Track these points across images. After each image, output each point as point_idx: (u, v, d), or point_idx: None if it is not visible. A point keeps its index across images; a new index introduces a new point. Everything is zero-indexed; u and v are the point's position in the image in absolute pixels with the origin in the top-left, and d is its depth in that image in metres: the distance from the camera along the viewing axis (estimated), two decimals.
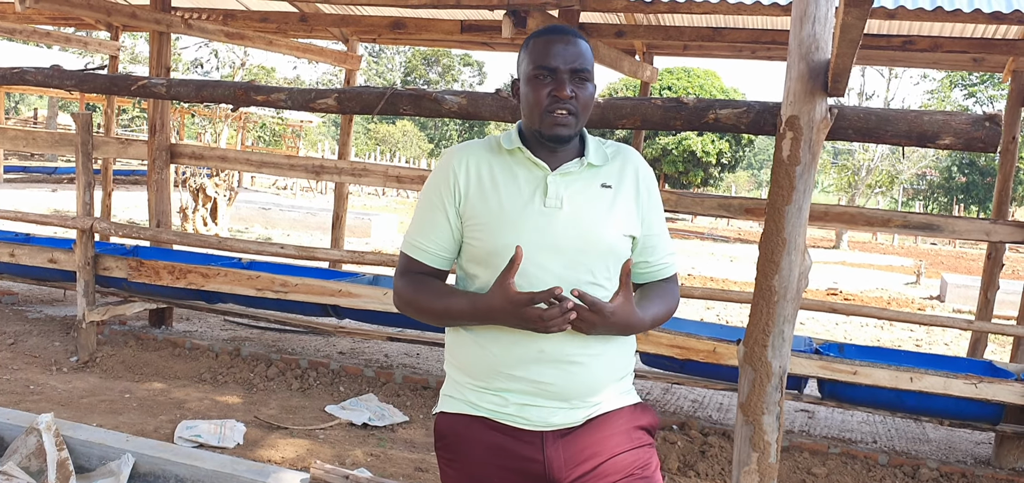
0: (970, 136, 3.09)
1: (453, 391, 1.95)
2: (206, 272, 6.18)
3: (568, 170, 1.87)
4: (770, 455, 3.09)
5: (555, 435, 1.86)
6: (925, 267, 18.03)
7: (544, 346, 1.82)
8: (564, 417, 1.86)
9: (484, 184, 1.86)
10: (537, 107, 1.83)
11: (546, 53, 1.83)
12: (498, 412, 1.87)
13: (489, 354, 1.85)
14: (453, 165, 1.89)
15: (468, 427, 1.90)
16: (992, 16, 4.93)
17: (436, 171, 1.93)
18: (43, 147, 8.63)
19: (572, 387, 1.85)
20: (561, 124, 1.83)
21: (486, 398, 1.88)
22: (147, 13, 7.25)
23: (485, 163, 1.89)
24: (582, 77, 1.84)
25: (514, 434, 1.86)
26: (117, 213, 15.45)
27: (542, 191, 1.85)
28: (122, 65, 12.42)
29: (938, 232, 6.24)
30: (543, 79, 1.83)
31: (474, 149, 1.91)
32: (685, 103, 3.66)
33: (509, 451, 1.86)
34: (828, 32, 2.75)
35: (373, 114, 4.49)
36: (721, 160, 33.43)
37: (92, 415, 4.94)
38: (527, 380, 1.84)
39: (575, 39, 1.85)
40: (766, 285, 2.98)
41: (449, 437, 1.93)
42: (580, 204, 1.85)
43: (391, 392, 5.93)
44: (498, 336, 1.84)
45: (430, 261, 1.92)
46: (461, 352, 1.91)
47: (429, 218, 1.91)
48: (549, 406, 1.85)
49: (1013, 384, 5.04)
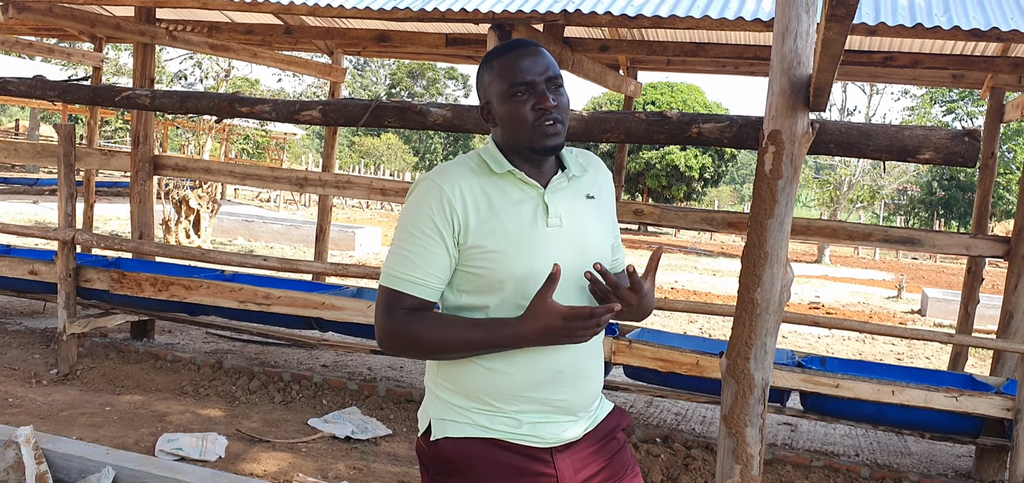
0: (949, 151, 3.13)
1: (454, 415, 1.88)
2: (188, 284, 6.15)
3: (557, 186, 1.88)
4: (753, 468, 3.10)
5: (561, 448, 1.88)
6: (906, 281, 18.16)
7: (561, 366, 1.85)
8: (573, 430, 1.90)
9: (482, 211, 1.81)
10: (524, 123, 1.83)
11: (518, 69, 1.83)
12: (511, 432, 1.85)
13: (503, 379, 1.83)
14: (445, 193, 1.81)
15: (479, 449, 1.85)
16: (971, 33, 4.99)
17: (423, 199, 1.83)
18: (25, 158, 8.58)
19: (583, 401, 1.91)
20: (552, 134, 1.83)
21: (497, 420, 1.85)
22: (131, 25, 7.23)
23: (478, 188, 1.84)
24: (557, 84, 1.86)
25: (526, 452, 1.85)
26: (99, 225, 15.34)
27: (543, 211, 1.85)
28: (106, 77, 12.38)
29: (918, 246, 6.29)
30: (522, 95, 1.83)
31: (461, 174, 1.85)
32: (668, 117, 3.69)
33: (522, 469, 1.85)
34: (810, 47, 2.78)
35: (358, 126, 4.50)
36: (704, 175, 33.62)
37: (72, 428, 4.89)
38: (541, 400, 1.85)
39: (540, 49, 1.87)
40: (748, 298, 3.00)
41: (457, 462, 1.86)
42: (575, 220, 1.88)
43: (374, 405, 5.91)
44: (512, 360, 1.82)
45: (427, 295, 1.83)
46: (464, 378, 1.86)
47: (423, 249, 1.81)
48: (561, 421, 1.88)
49: (993, 397, 5.08)
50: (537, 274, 1.78)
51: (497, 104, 1.87)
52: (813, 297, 15.63)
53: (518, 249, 1.80)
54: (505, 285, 1.80)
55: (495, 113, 1.88)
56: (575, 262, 1.84)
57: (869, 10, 5.35)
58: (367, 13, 6.04)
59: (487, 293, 1.83)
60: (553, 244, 1.83)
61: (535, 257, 1.80)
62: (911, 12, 5.33)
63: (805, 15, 2.75)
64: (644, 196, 33.81)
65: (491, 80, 1.87)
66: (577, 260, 1.85)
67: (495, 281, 1.81)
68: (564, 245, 1.85)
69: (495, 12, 5.57)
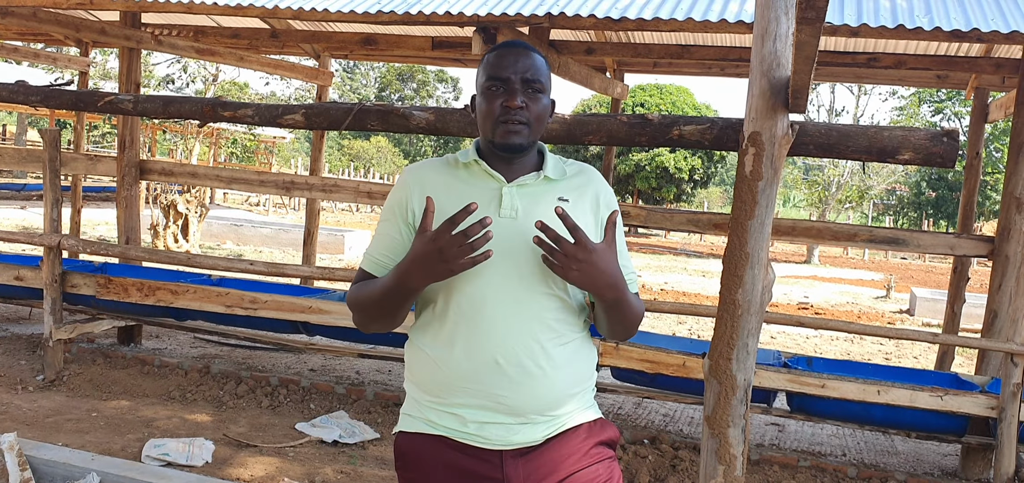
0: (929, 151, 3.14)
1: (412, 410, 1.94)
2: (175, 289, 6.13)
3: (524, 182, 1.88)
4: (736, 468, 3.11)
5: (514, 454, 1.85)
6: (895, 281, 18.23)
7: (497, 355, 1.80)
8: (524, 435, 1.85)
9: (439, 198, 1.82)
10: (490, 117, 1.85)
11: (499, 65, 1.85)
12: (458, 431, 1.85)
13: (444, 367, 1.84)
14: (408, 181, 1.92)
15: (427, 446, 1.89)
16: (952, 34, 5.02)
17: (393, 189, 1.96)
18: (11, 163, 8.54)
19: (529, 401, 1.82)
20: (513, 132, 1.84)
21: (445, 418, 1.87)
22: (116, 30, 7.21)
23: (441, 178, 1.90)
24: (534, 88, 1.85)
25: (474, 453, 1.85)
26: (87, 230, 15.29)
27: (497, 202, 1.85)
28: (93, 81, 12.33)
29: (904, 246, 6.32)
30: (495, 90, 1.85)
31: (430, 166, 1.94)
32: (649, 120, 3.70)
33: (468, 471, 1.85)
34: (788, 49, 2.79)
35: (341, 130, 4.50)
36: (694, 176, 33.67)
37: (58, 434, 4.88)
38: (483, 393, 1.82)
39: (530, 52, 1.88)
40: (730, 299, 3.01)
41: (408, 456, 1.92)
42: (536, 215, 1.80)
43: (362, 409, 5.90)
44: (451, 347, 1.83)
45: (375, 270, 1.91)
46: (417, 368, 1.91)
47: (382, 231, 1.93)
48: (508, 423, 1.83)
49: (977, 396, 5.12)
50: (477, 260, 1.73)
51: (478, 96, 1.91)
52: (802, 297, 15.69)
53: None
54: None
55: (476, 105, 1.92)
56: (523, 255, 1.81)
57: (852, 12, 5.38)
58: (352, 16, 6.04)
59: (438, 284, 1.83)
60: (502, 234, 1.79)
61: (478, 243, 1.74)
62: (893, 13, 5.36)
63: (784, 18, 2.76)
64: (634, 198, 33.85)
65: (478, 74, 1.91)
66: (525, 254, 1.81)
67: None
68: (517, 237, 1.82)
69: (480, 15, 5.58)
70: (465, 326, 1.82)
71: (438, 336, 1.85)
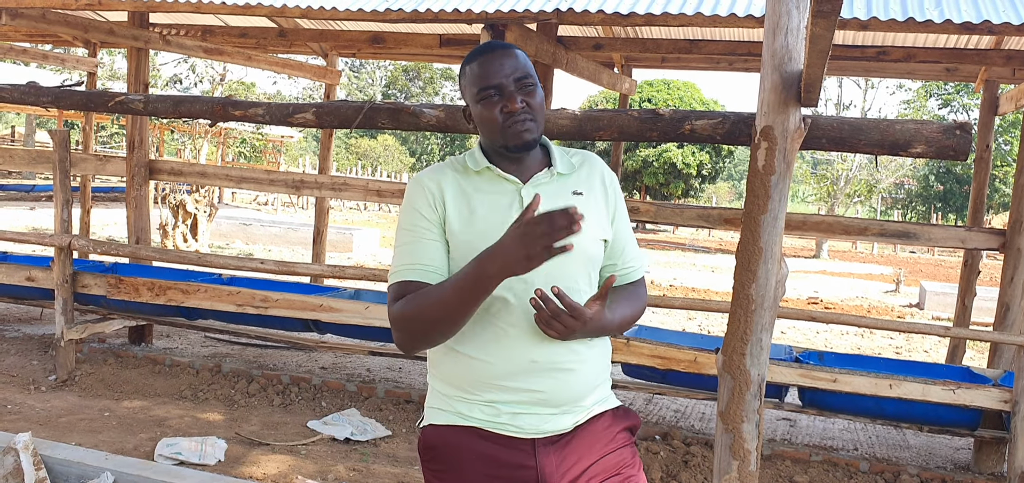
0: (941, 144, 3.13)
1: (440, 403, 1.94)
2: (186, 288, 6.15)
3: (539, 180, 1.91)
4: (750, 463, 3.11)
5: (545, 441, 1.88)
6: (904, 275, 18.18)
7: (536, 356, 1.85)
8: (555, 424, 1.89)
9: (460, 206, 1.86)
10: (494, 125, 1.86)
11: (487, 73, 1.86)
12: (490, 422, 1.88)
13: (479, 366, 1.86)
14: (428, 187, 1.89)
15: (459, 437, 1.89)
16: (963, 26, 5.00)
17: (411, 196, 1.91)
18: (20, 165, 8.57)
19: (564, 394, 1.88)
20: (523, 131, 1.86)
21: (477, 408, 1.88)
22: (124, 30, 7.22)
23: (457, 184, 1.90)
24: (527, 83, 1.87)
25: (506, 443, 1.87)
26: (96, 230, 15.34)
27: (518, 203, 1.88)
28: (101, 81, 12.37)
29: (914, 240, 6.30)
30: (492, 98, 1.86)
31: (444, 171, 1.93)
32: (661, 115, 3.69)
33: (501, 460, 1.87)
34: (800, 43, 2.79)
35: (351, 128, 4.50)
36: (702, 171, 33.62)
37: (71, 434, 4.90)
38: (519, 390, 1.86)
39: (511, 50, 1.89)
40: (743, 294, 3.01)
41: (439, 448, 1.92)
42: None
43: (373, 407, 5.91)
44: (487, 348, 1.85)
45: (425, 277, 1.85)
46: (448, 366, 1.91)
47: (417, 239, 1.87)
48: (541, 413, 1.88)
49: (990, 389, 5.10)
50: None
51: (472, 107, 1.91)
52: (812, 293, 15.65)
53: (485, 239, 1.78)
54: None
55: (474, 116, 1.92)
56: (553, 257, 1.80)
57: (862, 5, 5.36)
58: (360, 15, 6.04)
59: None
60: None
61: None
62: (903, 6, 5.33)
63: (795, 11, 2.76)
64: (642, 194, 33.82)
65: (466, 85, 1.91)
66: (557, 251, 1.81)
67: None
68: None
69: (488, 12, 5.57)
70: (500, 327, 1.85)
71: (472, 337, 1.86)
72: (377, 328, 5.88)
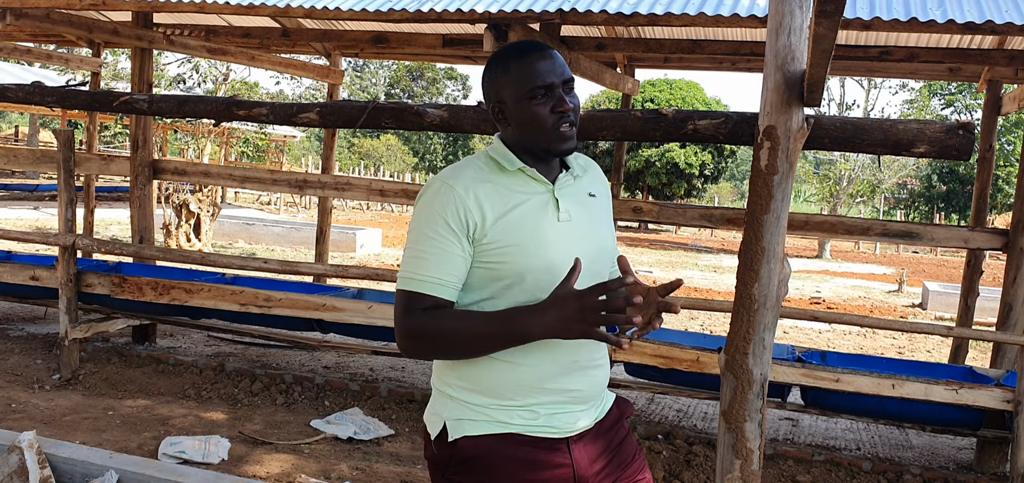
0: (944, 144, 3.13)
1: (470, 414, 1.89)
2: (189, 288, 6.16)
3: (564, 183, 1.94)
4: (753, 462, 3.11)
5: (576, 438, 1.93)
6: (907, 275, 18.15)
7: (578, 356, 1.90)
8: (586, 419, 1.95)
9: (497, 207, 1.84)
10: (544, 125, 1.86)
11: (535, 72, 1.86)
12: (528, 426, 1.88)
13: (523, 371, 1.85)
14: (458, 193, 1.82)
15: (498, 446, 1.87)
16: (965, 26, 5.00)
17: (436, 200, 1.84)
18: (24, 164, 8.59)
19: (595, 389, 1.97)
20: (568, 136, 1.89)
21: (515, 414, 1.87)
22: (129, 30, 7.24)
23: (491, 185, 1.86)
24: (571, 86, 1.90)
25: (544, 445, 1.89)
26: (100, 230, 15.37)
27: (553, 206, 1.90)
28: (105, 81, 12.39)
29: (917, 240, 6.31)
30: (541, 97, 1.86)
31: (472, 173, 1.87)
32: (664, 115, 3.70)
33: (540, 462, 1.88)
34: (803, 43, 2.79)
35: (355, 128, 4.51)
36: (704, 171, 33.59)
37: (75, 433, 4.91)
38: (561, 390, 1.89)
39: (554, 52, 1.90)
40: (746, 293, 3.01)
41: (476, 459, 1.87)
42: (582, 216, 1.94)
43: (376, 406, 5.92)
44: (533, 352, 1.84)
45: (444, 293, 1.82)
46: (483, 375, 1.87)
47: (439, 249, 1.81)
48: (576, 411, 1.92)
49: (993, 389, 5.10)
50: (554, 267, 1.82)
51: (513, 106, 1.88)
52: (814, 292, 15.64)
53: (535, 243, 1.83)
54: (525, 278, 1.83)
55: (509, 114, 1.90)
56: (587, 256, 1.87)
57: (864, 5, 5.36)
58: (363, 15, 6.05)
59: (504, 289, 1.84)
60: (565, 238, 1.88)
61: (550, 250, 1.84)
62: (906, 6, 5.34)
63: (798, 11, 2.76)
64: (644, 194, 33.80)
65: (508, 82, 1.88)
66: (589, 254, 1.89)
67: (514, 274, 1.83)
68: (576, 239, 1.90)
69: (491, 12, 5.58)
70: None
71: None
72: (380, 328, 5.89)
